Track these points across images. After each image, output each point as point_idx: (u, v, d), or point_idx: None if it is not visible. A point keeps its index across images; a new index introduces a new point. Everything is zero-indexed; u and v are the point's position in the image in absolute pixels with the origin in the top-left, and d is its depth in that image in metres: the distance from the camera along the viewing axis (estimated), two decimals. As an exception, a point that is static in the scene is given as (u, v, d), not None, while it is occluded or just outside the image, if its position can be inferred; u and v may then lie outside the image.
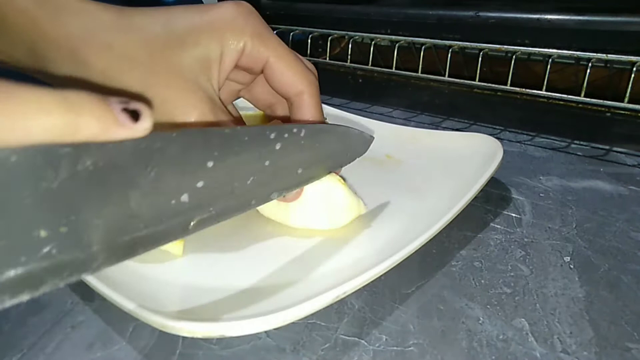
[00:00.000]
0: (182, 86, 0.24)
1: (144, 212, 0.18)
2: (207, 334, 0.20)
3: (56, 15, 0.23)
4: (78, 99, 0.14)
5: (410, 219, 0.31)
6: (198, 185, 0.20)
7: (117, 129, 0.15)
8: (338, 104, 0.55)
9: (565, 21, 0.47)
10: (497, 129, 0.50)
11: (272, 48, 0.27)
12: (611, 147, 0.45)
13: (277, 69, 0.27)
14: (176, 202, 0.19)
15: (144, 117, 0.16)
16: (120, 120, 0.15)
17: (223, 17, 0.26)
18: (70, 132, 0.14)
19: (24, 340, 0.24)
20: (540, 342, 0.23)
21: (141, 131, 0.16)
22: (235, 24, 0.26)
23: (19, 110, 0.13)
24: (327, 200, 0.29)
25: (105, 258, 0.17)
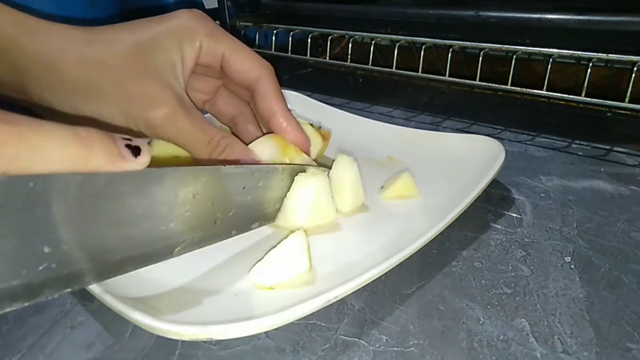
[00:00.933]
0: (154, 84, 0.27)
1: (136, 236, 0.20)
2: (194, 336, 0.20)
3: (32, 36, 0.26)
4: (88, 134, 0.17)
5: (411, 219, 0.31)
6: (186, 214, 0.22)
7: (120, 162, 0.18)
8: (338, 104, 0.55)
9: (566, 21, 0.47)
10: (498, 129, 0.50)
11: (226, 43, 0.30)
12: (612, 147, 0.45)
13: (234, 59, 0.30)
14: (165, 228, 0.21)
15: (143, 152, 0.18)
16: (123, 154, 0.18)
17: (179, 23, 0.29)
18: (81, 163, 0.16)
19: (23, 341, 0.23)
20: (541, 342, 0.23)
21: (141, 164, 0.18)
22: (189, 28, 0.29)
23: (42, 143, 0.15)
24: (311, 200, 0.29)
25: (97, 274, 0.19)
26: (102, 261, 0.19)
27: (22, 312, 0.25)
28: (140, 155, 0.18)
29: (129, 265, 0.20)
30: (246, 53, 0.31)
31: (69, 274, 0.17)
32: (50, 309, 0.26)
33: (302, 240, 0.26)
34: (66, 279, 0.17)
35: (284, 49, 0.63)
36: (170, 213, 0.21)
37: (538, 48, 0.46)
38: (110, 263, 0.19)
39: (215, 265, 0.27)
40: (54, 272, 0.17)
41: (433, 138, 0.41)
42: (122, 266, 0.20)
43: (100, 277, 0.19)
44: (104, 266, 0.19)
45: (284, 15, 0.69)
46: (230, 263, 0.27)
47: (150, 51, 0.28)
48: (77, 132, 0.16)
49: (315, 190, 0.29)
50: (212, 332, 0.20)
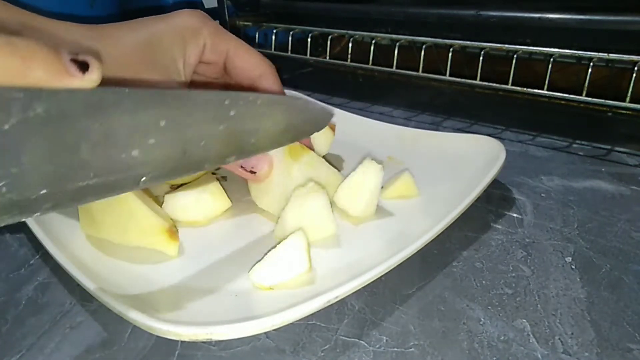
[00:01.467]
0: (157, 77, 0.27)
1: (93, 163, 0.18)
2: (194, 337, 0.20)
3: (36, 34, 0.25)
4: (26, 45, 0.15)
5: (411, 219, 0.31)
6: (149, 142, 0.20)
7: (65, 78, 0.16)
8: (338, 104, 0.55)
9: (567, 20, 0.46)
10: (498, 129, 0.50)
11: (230, 41, 0.31)
12: (613, 147, 0.45)
13: (238, 56, 0.31)
14: (127, 156, 0.19)
15: (92, 68, 0.17)
16: (69, 69, 0.16)
17: (182, 22, 0.29)
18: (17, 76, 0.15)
19: (22, 341, 0.23)
20: (542, 343, 0.22)
21: (89, 82, 0.17)
22: (192, 26, 0.29)
23: None
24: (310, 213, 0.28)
25: (54, 202, 0.18)
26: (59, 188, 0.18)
27: (21, 313, 0.25)
28: (89, 71, 0.17)
29: (90, 195, 0.19)
30: (249, 51, 0.31)
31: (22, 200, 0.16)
32: (49, 309, 0.26)
33: (302, 241, 0.25)
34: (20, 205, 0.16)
35: (284, 48, 0.63)
36: (131, 140, 0.19)
37: (539, 48, 0.46)
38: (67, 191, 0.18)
39: (215, 265, 0.27)
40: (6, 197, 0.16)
41: (433, 138, 0.41)
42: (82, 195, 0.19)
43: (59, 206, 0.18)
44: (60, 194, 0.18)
45: (284, 14, 0.69)
46: (230, 263, 0.27)
47: (151, 48, 0.28)
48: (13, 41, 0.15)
49: (312, 208, 0.28)
50: (211, 332, 0.20)
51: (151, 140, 0.20)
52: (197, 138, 0.23)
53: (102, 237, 0.28)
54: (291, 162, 0.30)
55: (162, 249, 0.27)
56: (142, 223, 0.27)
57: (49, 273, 0.28)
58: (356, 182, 0.31)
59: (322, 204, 0.28)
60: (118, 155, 0.19)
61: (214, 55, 0.30)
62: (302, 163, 0.30)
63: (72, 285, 0.27)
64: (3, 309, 0.26)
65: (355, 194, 0.31)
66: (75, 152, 0.18)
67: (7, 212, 0.16)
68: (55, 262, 0.25)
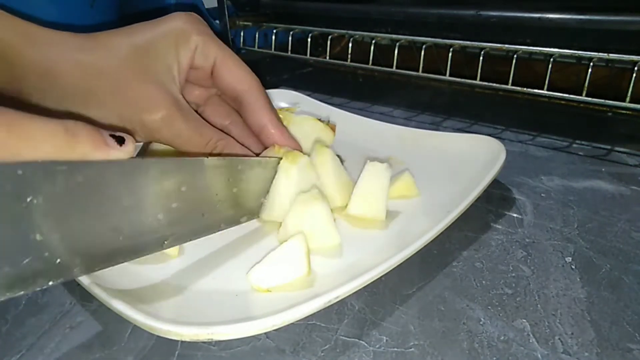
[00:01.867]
0: (151, 88, 0.27)
1: (123, 227, 0.20)
2: (195, 337, 0.20)
3: (30, 42, 0.26)
4: (74, 125, 0.18)
5: (411, 219, 0.31)
6: (173, 205, 0.22)
7: (105, 149, 0.18)
8: (338, 104, 0.55)
9: (567, 20, 0.46)
10: (498, 129, 0.50)
11: (218, 48, 0.31)
12: (613, 147, 0.45)
13: (225, 67, 0.31)
14: (153, 220, 0.22)
15: (127, 142, 0.19)
16: (108, 142, 0.19)
17: (174, 26, 0.29)
18: (68, 151, 0.17)
19: (22, 341, 0.23)
20: (542, 343, 0.22)
21: (125, 153, 0.19)
22: (185, 29, 0.30)
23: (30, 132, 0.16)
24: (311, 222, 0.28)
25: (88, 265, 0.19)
26: (92, 252, 0.19)
27: (21, 313, 0.25)
28: (125, 144, 0.19)
29: (119, 257, 0.21)
30: (237, 62, 0.31)
31: (60, 263, 0.18)
32: (49, 309, 0.26)
33: (301, 245, 0.25)
34: (58, 268, 0.18)
35: (284, 48, 0.63)
36: (157, 204, 0.22)
37: (539, 47, 0.46)
38: (100, 254, 0.20)
39: (216, 265, 0.27)
40: (46, 261, 0.17)
41: (433, 138, 0.41)
42: (111, 257, 0.20)
43: (91, 269, 0.20)
44: (94, 257, 0.19)
45: (284, 14, 0.69)
46: (231, 263, 0.27)
47: (146, 55, 0.28)
48: (65, 123, 0.17)
49: (313, 216, 0.28)
50: (212, 332, 0.20)
51: (174, 204, 0.22)
52: (214, 201, 0.25)
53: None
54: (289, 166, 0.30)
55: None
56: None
57: (49, 273, 0.28)
58: (366, 186, 0.31)
59: (322, 212, 0.28)
60: (146, 219, 0.21)
61: (204, 60, 0.30)
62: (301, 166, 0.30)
63: (72, 285, 0.27)
64: (3, 309, 0.26)
65: (368, 198, 0.31)
66: (108, 219, 0.20)
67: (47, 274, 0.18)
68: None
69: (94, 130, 0.18)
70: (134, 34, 0.28)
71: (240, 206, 0.27)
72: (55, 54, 0.26)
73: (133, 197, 0.20)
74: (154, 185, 0.21)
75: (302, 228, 0.27)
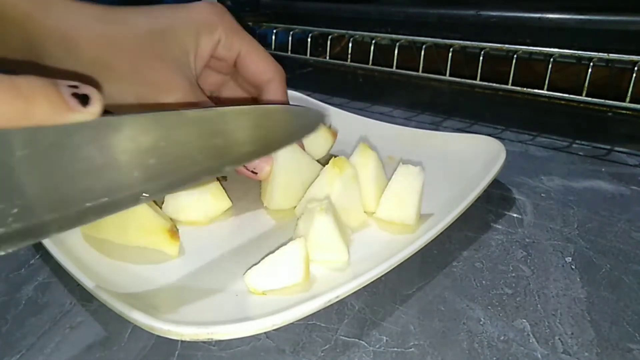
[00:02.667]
0: (166, 70, 0.27)
1: (96, 187, 0.19)
2: (195, 336, 0.20)
3: (48, 10, 0.25)
4: (28, 85, 0.15)
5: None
6: (150, 162, 0.21)
7: (67, 113, 0.16)
8: (338, 104, 0.55)
9: (567, 20, 0.46)
10: (498, 129, 0.50)
11: (244, 40, 0.30)
12: (613, 147, 0.45)
13: (250, 58, 0.31)
14: (128, 177, 0.20)
15: (93, 101, 0.17)
16: (70, 105, 0.16)
17: (199, 14, 0.29)
18: (23, 118, 0.15)
19: (22, 341, 0.23)
20: (542, 343, 0.22)
21: (91, 115, 0.17)
22: (210, 20, 0.29)
23: None
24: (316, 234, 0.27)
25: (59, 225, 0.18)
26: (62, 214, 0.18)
27: (21, 313, 0.25)
28: (90, 104, 0.17)
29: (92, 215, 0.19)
30: (262, 54, 0.31)
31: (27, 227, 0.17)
32: (49, 309, 0.25)
33: (300, 250, 0.25)
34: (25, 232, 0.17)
35: (284, 48, 0.63)
36: (132, 162, 0.20)
37: (539, 48, 0.46)
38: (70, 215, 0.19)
39: (216, 265, 0.27)
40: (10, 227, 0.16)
41: (433, 138, 0.41)
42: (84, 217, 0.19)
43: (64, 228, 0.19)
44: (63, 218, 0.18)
45: (284, 14, 0.69)
46: (231, 263, 0.27)
47: (166, 37, 0.28)
48: (15, 83, 0.15)
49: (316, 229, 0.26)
50: (212, 332, 0.20)
51: (151, 160, 0.21)
52: (195, 153, 0.23)
53: (102, 237, 0.28)
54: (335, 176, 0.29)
55: (163, 249, 0.27)
56: (143, 223, 0.27)
57: (49, 273, 0.28)
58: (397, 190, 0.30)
59: (325, 225, 0.26)
60: (120, 178, 0.20)
61: (227, 52, 0.30)
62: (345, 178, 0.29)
63: (72, 285, 0.27)
64: (3, 309, 0.26)
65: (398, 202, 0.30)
66: (80, 180, 0.18)
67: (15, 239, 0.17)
68: (55, 262, 0.25)
69: (51, 88, 0.16)
70: (156, 14, 0.28)
71: (223, 156, 0.25)
72: (74, 24, 0.26)
73: (105, 157, 0.19)
74: (129, 143, 0.20)
75: (308, 237, 0.27)
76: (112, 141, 0.19)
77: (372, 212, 0.31)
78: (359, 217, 0.31)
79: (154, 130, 0.21)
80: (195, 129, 0.23)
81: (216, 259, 0.28)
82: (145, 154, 0.21)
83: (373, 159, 0.31)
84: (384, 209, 0.31)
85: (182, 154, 0.23)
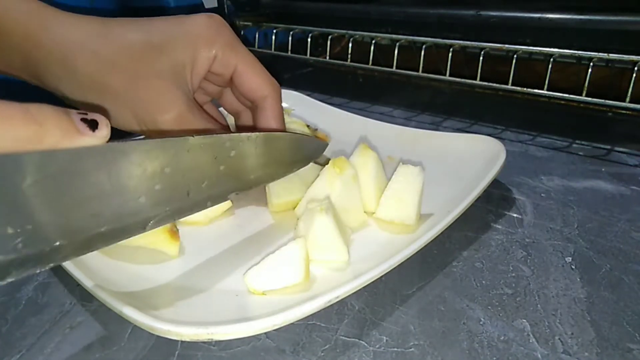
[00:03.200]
0: (161, 87, 0.27)
1: (104, 212, 0.19)
2: (195, 337, 0.20)
3: (45, 29, 0.26)
4: (40, 111, 0.16)
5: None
6: (156, 188, 0.21)
7: (77, 137, 0.17)
8: (338, 104, 0.55)
9: (567, 20, 0.46)
10: (498, 129, 0.50)
11: (240, 56, 0.30)
12: (613, 147, 0.45)
13: (245, 75, 0.30)
14: (135, 203, 0.21)
15: (102, 126, 0.18)
16: (80, 129, 0.17)
17: (196, 28, 0.29)
18: (35, 141, 0.16)
19: (22, 341, 0.23)
20: (542, 343, 0.22)
21: (100, 138, 0.18)
22: (207, 35, 0.29)
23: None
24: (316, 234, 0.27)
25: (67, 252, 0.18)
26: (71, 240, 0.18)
27: (21, 313, 0.25)
28: (99, 128, 0.18)
29: (100, 242, 0.20)
30: (258, 70, 0.31)
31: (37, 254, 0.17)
32: (49, 309, 0.26)
33: (301, 250, 0.25)
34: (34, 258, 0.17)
35: (284, 48, 0.63)
36: (139, 187, 0.21)
37: (539, 48, 0.46)
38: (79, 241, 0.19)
39: (216, 265, 0.27)
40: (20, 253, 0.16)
41: (433, 138, 0.41)
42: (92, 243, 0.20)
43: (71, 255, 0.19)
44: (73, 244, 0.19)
45: (284, 14, 0.69)
46: (231, 263, 0.27)
47: (162, 54, 0.27)
48: (28, 110, 0.16)
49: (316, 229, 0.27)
50: (212, 332, 0.20)
51: (157, 186, 0.21)
52: (200, 180, 0.24)
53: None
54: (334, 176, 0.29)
55: (163, 249, 0.27)
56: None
57: (49, 273, 0.28)
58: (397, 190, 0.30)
59: (325, 225, 0.26)
60: (126, 203, 0.20)
61: (223, 68, 0.30)
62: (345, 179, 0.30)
63: (72, 285, 0.27)
64: (3, 309, 0.26)
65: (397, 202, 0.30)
66: (88, 205, 0.19)
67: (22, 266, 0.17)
68: (55, 262, 0.25)
69: (62, 115, 0.17)
70: (151, 28, 0.28)
71: (228, 183, 0.26)
72: (70, 42, 0.26)
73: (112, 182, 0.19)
74: (135, 168, 0.20)
75: (308, 237, 0.27)
76: (119, 167, 0.19)
77: (372, 212, 0.31)
78: (359, 217, 0.31)
79: (159, 156, 0.21)
80: (199, 155, 0.24)
81: (216, 259, 0.28)
82: (151, 180, 0.21)
83: (373, 159, 0.31)
84: (384, 209, 0.30)
85: (187, 180, 0.23)
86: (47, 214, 0.17)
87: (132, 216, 0.21)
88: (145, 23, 0.28)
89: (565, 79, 0.52)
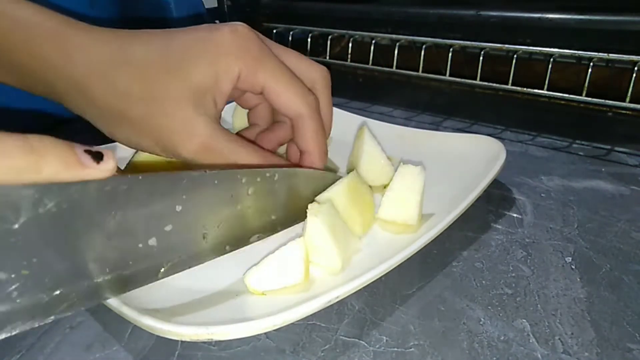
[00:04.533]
0: (181, 115, 0.25)
1: (109, 255, 0.17)
2: (195, 337, 0.20)
3: (64, 54, 0.25)
4: (41, 144, 0.15)
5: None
6: (166, 228, 0.19)
7: (79, 169, 0.15)
8: (338, 104, 0.55)
9: (567, 20, 0.46)
10: (499, 129, 0.50)
11: (268, 71, 0.27)
12: (613, 147, 0.45)
13: (274, 92, 0.28)
14: (143, 246, 0.19)
15: (107, 158, 0.16)
16: (82, 161, 0.16)
17: (218, 44, 0.26)
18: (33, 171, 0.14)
19: (22, 341, 0.23)
20: (542, 343, 0.22)
21: (104, 172, 0.16)
22: (229, 51, 0.26)
23: None
24: None
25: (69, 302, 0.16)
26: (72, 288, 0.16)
27: (21, 313, 0.25)
28: (104, 161, 0.16)
29: (107, 291, 0.18)
30: (289, 85, 0.28)
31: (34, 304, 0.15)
32: (49, 309, 0.26)
33: (301, 251, 0.25)
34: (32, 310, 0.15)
35: (284, 48, 0.63)
36: (147, 228, 0.19)
37: (539, 48, 0.46)
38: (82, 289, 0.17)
39: (216, 265, 0.27)
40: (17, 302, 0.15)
41: (433, 138, 0.41)
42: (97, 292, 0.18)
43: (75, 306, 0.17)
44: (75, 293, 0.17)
45: (284, 14, 0.69)
46: (231, 263, 0.27)
47: (180, 73, 0.25)
48: (29, 141, 0.15)
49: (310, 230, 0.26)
50: (213, 332, 0.20)
51: (168, 226, 0.20)
52: (215, 220, 0.22)
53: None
54: None
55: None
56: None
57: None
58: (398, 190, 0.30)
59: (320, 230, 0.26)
60: (134, 246, 0.18)
61: (249, 85, 0.28)
62: None
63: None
64: None
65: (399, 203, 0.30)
66: (90, 246, 0.17)
67: (19, 318, 0.15)
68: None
69: (64, 146, 0.15)
70: (170, 44, 0.26)
71: (248, 224, 0.24)
72: (87, 68, 0.25)
73: (118, 221, 0.17)
74: (143, 206, 0.18)
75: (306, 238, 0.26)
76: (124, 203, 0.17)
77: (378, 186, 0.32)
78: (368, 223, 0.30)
79: (170, 192, 0.19)
80: (216, 192, 0.21)
81: (217, 259, 0.27)
82: (160, 218, 0.19)
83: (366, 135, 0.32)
84: (385, 210, 0.31)
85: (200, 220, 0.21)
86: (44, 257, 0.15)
87: (141, 261, 0.19)
88: (165, 40, 0.26)
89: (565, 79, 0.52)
